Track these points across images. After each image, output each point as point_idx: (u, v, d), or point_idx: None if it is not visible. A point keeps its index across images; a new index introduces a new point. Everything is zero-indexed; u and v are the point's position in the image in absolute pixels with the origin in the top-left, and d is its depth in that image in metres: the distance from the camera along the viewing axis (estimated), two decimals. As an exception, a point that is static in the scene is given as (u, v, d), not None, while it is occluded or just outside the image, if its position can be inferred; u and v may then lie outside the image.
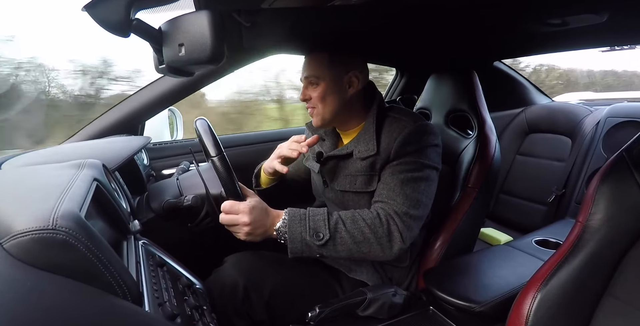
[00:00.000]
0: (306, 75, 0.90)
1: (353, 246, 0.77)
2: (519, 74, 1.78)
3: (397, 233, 0.78)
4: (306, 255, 0.78)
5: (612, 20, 0.74)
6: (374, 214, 0.80)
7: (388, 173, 0.85)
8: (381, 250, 0.78)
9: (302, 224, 0.77)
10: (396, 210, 0.80)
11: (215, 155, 0.72)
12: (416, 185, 0.83)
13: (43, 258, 0.38)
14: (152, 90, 1.17)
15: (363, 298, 0.83)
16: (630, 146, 0.64)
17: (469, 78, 1.12)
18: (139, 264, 0.58)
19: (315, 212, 0.79)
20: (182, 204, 0.84)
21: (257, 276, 0.81)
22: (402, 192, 0.81)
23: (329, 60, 0.87)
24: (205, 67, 0.56)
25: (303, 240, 0.76)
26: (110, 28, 0.47)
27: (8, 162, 0.79)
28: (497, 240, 1.53)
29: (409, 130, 0.85)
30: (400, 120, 0.88)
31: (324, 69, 0.88)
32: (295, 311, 0.82)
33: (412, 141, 0.84)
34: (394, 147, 0.84)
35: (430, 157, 0.86)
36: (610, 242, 0.61)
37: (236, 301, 0.78)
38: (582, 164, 1.49)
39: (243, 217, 0.74)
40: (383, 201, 0.82)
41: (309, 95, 0.90)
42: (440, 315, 0.89)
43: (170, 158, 1.34)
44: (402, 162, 0.84)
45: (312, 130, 1.02)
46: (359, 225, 0.78)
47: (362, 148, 0.88)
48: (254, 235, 0.76)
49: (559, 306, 0.60)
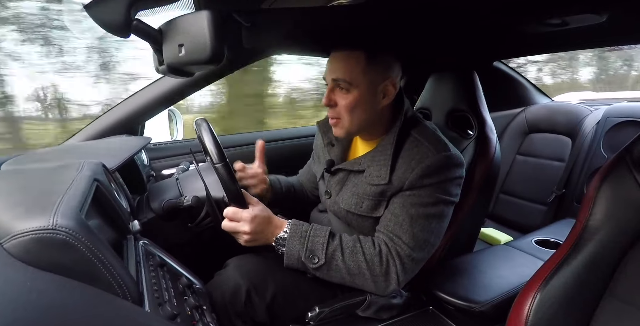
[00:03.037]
0: (335, 77, 0.76)
1: (347, 277, 0.76)
2: (519, 74, 1.78)
3: (394, 274, 0.75)
4: (302, 270, 0.78)
5: (612, 20, 0.74)
6: (375, 250, 0.76)
7: (398, 203, 0.77)
8: (375, 287, 0.76)
9: (301, 242, 0.75)
10: (399, 251, 0.75)
11: (218, 163, 0.71)
12: (427, 222, 0.76)
13: (43, 258, 0.38)
14: (152, 90, 1.17)
15: (363, 298, 0.83)
16: (630, 146, 0.64)
17: (469, 78, 1.11)
18: (139, 264, 0.58)
19: (317, 233, 0.77)
20: (182, 204, 0.84)
21: (259, 279, 0.80)
22: (410, 229, 0.75)
23: (365, 63, 0.75)
24: (205, 67, 0.56)
25: (299, 258, 0.75)
26: (110, 28, 0.47)
27: (8, 162, 0.79)
28: (497, 240, 1.53)
29: (429, 162, 0.75)
30: (422, 145, 0.77)
31: (358, 74, 0.75)
32: (295, 311, 0.82)
33: (432, 174, 0.75)
34: (410, 178, 0.75)
35: (448, 191, 0.77)
36: (610, 242, 0.61)
37: (238, 304, 0.77)
38: (582, 164, 1.49)
39: (244, 226, 0.73)
40: (388, 235, 0.77)
41: (334, 100, 0.78)
42: (440, 315, 0.89)
43: (170, 158, 1.34)
44: (415, 194, 0.76)
45: (325, 131, 0.95)
46: (357, 258, 0.75)
47: (374, 172, 0.79)
48: (255, 242, 0.76)
49: (559, 306, 0.60)
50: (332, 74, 0.77)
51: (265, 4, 0.71)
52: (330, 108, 0.79)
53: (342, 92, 0.77)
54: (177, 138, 1.57)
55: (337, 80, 0.76)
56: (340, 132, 0.82)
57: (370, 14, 0.73)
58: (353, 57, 0.75)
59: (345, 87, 0.76)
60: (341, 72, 0.76)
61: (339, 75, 0.76)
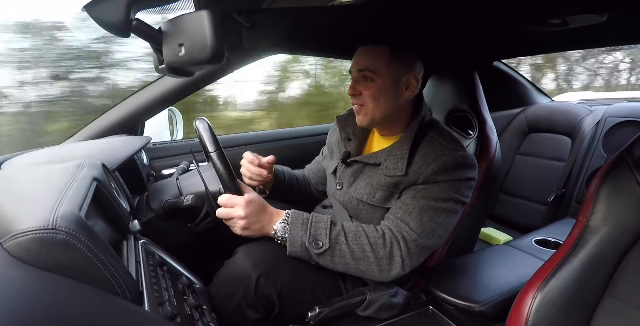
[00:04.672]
0: (360, 67, 0.81)
1: (351, 262, 0.76)
2: (519, 74, 1.78)
3: (398, 258, 0.76)
4: (305, 259, 0.78)
5: (612, 20, 0.74)
6: (379, 233, 0.77)
7: (410, 195, 0.79)
8: (379, 271, 0.77)
9: (304, 228, 0.76)
10: (404, 235, 0.76)
11: (213, 151, 0.72)
12: (436, 214, 0.77)
13: (43, 257, 0.38)
14: (152, 90, 1.17)
15: (363, 298, 0.83)
16: (631, 146, 0.64)
17: (469, 78, 1.12)
18: (139, 264, 0.58)
19: (319, 219, 0.78)
20: (182, 204, 0.84)
21: (270, 267, 0.79)
22: (419, 217, 0.77)
23: (389, 55, 0.79)
24: (205, 67, 0.56)
25: (302, 244, 0.75)
26: (110, 28, 0.47)
27: (8, 162, 0.79)
28: (497, 239, 1.53)
29: (446, 159, 0.77)
30: (439, 144, 0.80)
31: (382, 64, 0.79)
32: (302, 303, 0.81)
33: (447, 171, 0.77)
34: (425, 173, 0.78)
35: (460, 191, 0.79)
36: (610, 242, 0.61)
37: (249, 292, 0.76)
38: (582, 164, 1.49)
39: (239, 210, 0.73)
40: (394, 221, 0.78)
41: (359, 90, 0.82)
42: (440, 314, 0.89)
43: (170, 158, 1.34)
44: (428, 188, 0.78)
45: (343, 125, 0.97)
46: (360, 241, 0.76)
47: (391, 165, 0.81)
48: (250, 230, 0.75)
49: (559, 306, 0.60)
50: (357, 65, 0.82)
51: (265, 4, 0.71)
52: (355, 97, 0.83)
53: (366, 82, 0.81)
54: (177, 138, 1.57)
55: (362, 70, 0.81)
56: (363, 119, 0.85)
57: (370, 14, 0.73)
58: (378, 51, 0.80)
59: (370, 76, 0.80)
60: (367, 62, 0.80)
61: (365, 64, 0.80)
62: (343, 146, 0.95)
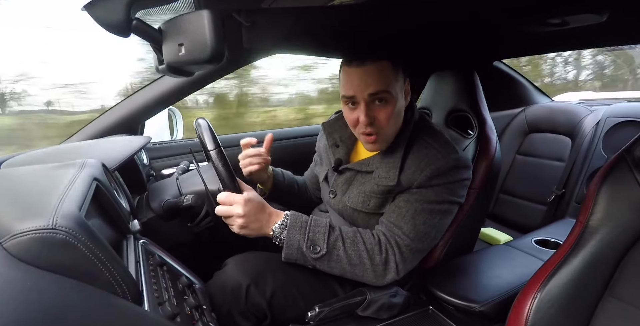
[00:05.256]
0: (374, 90, 0.72)
1: (347, 267, 0.76)
2: (519, 74, 1.78)
3: (393, 264, 0.76)
4: (300, 262, 0.77)
5: (612, 20, 0.74)
6: (375, 239, 0.77)
7: (403, 199, 0.79)
8: (374, 276, 0.77)
9: (302, 232, 0.75)
10: (397, 241, 0.76)
11: (213, 149, 0.72)
12: (430, 217, 0.77)
13: (43, 257, 0.38)
14: (152, 90, 1.17)
15: (363, 298, 0.83)
16: (631, 146, 0.64)
17: (469, 78, 1.11)
18: (139, 264, 0.58)
19: (317, 223, 0.77)
20: (182, 204, 0.84)
21: (258, 276, 0.80)
22: (412, 221, 0.76)
23: (392, 69, 0.74)
24: (205, 67, 0.56)
25: (299, 248, 0.75)
26: (110, 28, 0.47)
27: (8, 161, 0.79)
28: (497, 240, 1.53)
29: (439, 164, 0.76)
30: (431, 147, 0.78)
31: (391, 81, 0.73)
32: (295, 310, 0.82)
33: (440, 176, 0.76)
34: (419, 179, 0.77)
35: (455, 192, 0.79)
36: (610, 242, 0.61)
37: (240, 302, 0.77)
38: (582, 164, 1.49)
39: (237, 208, 0.72)
40: (387, 226, 0.78)
41: (373, 116, 0.74)
42: (440, 314, 0.89)
43: (170, 158, 1.34)
44: (422, 192, 0.77)
45: (330, 132, 0.94)
46: (358, 248, 0.76)
47: (383, 173, 0.80)
48: (249, 228, 0.74)
49: (559, 306, 0.60)
50: (367, 89, 0.73)
51: (265, 4, 0.71)
52: (369, 126, 0.75)
53: (380, 105, 0.75)
54: (177, 138, 1.58)
55: (376, 93, 0.73)
56: (380, 146, 0.80)
57: (370, 14, 0.73)
58: (383, 67, 0.73)
59: (386, 98, 0.74)
60: (380, 84, 0.73)
61: (378, 87, 0.73)
62: (331, 153, 0.93)
